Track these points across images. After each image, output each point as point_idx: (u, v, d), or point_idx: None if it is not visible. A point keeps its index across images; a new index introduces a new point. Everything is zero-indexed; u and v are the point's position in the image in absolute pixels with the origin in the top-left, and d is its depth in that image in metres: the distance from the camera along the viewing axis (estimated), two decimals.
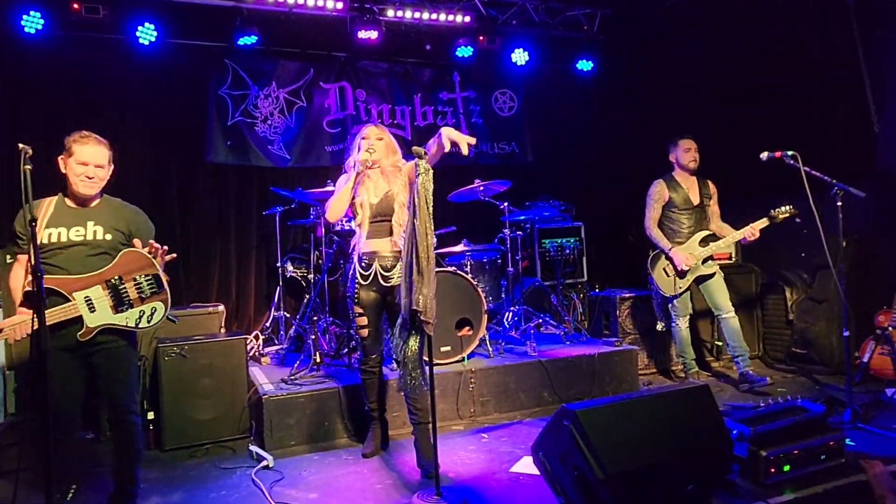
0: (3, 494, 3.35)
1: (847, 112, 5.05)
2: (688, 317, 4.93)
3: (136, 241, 3.02)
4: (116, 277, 2.92)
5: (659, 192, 4.91)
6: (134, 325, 2.95)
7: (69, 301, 2.82)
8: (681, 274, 4.78)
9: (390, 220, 3.49)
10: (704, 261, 4.81)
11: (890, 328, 4.54)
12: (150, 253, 2.96)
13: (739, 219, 4.96)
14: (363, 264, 3.49)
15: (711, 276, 4.83)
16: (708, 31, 6.22)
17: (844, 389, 3.97)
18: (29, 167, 2.43)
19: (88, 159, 2.90)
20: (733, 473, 2.96)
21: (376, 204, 3.49)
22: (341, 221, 5.05)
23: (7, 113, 5.19)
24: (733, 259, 5.75)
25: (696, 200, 4.88)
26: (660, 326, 5.11)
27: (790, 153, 4.06)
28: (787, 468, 2.97)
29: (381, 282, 3.47)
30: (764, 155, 4.19)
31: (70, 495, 3.18)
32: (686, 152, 4.88)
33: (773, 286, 5.71)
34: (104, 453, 3.21)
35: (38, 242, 2.56)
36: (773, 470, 2.93)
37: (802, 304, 5.45)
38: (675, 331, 4.95)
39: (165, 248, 3.01)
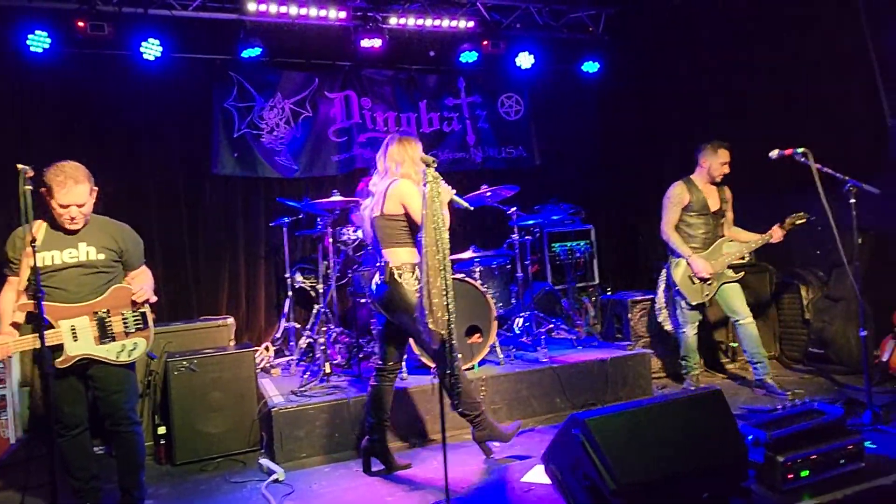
0: None
1: (859, 107, 4.96)
2: (696, 324, 4.81)
3: (129, 280, 3.18)
4: (104, 310, 3.03)
5: (679, 194, 4.72)
6: (114, 358, 3.05)
7: (53, 329, 2.91)
8: (704, 281, 4.65)
9: None
10: (730, 267, 4.69)
11: None
12: (133, 298, 3.09)
13: (750, 219, 4.90)
14: None
15: (735, 281, 4.72)
16: (715, 28, 6.15)
17: (863, 390, 3.88)
18: (29, 188, 2.44)
19: (69, 202, 2.95)
20: (749, 480, 2.89)
21: None
22: (347, 231, 5.06)
23: (15, 132, 5.24)
24: (747, 258, 5.63)
25: (714, 206, 4.71)
26: (668, 327, 4.98)
27: (801, 150, 3.99)
28: (805, 474, 2.89)
29: None
30: (774, 153, 4.12)
31: None
32: (722, 165, 4.66)
33: (788, 285, 5.62)
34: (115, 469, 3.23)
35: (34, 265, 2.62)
36: (790, 476, 2.85)
37: (819, 302, 5.35)
38: (682, 337, 4.84)
39: (151, 299, 3.16)
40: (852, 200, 3.84)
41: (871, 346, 4.61)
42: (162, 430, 4.16)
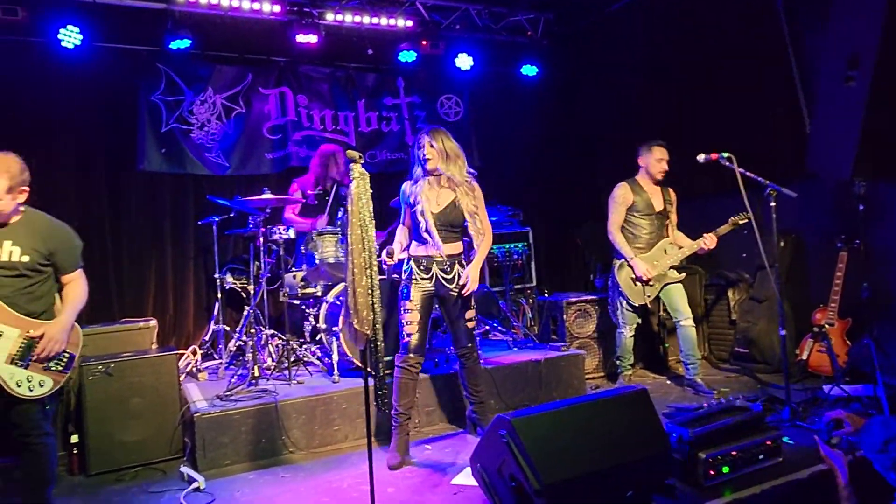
0: None
1: (781, 114, 5.14)
2: (635, 326, 4.88)
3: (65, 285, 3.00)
4: (41, 335, 2.84)
5: (623, 195, 4.77)
6: (14, 385, 2.80)
7: None
8: (645, 282, 4.70)
9: (457, 230, 3.70)
10: (671, 268, 4.75)
11: (826, 326, 4.63)
12: (40, 351, 2.87)
13: (680, 222, 5.01)
14: (422, 266, 3.66)
15: (678, 282, 4.78)
16: (648, 36, 6.29)
17: (784, 387, 4.00)
18: None
19: None
20: (672, 477, 2.93)
21: (437, 213, 3.61)
22: (279, 230, 4.92)
23: None
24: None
25: (658, 207, 4.77)
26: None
27: (726, 155, 4.09)
28: (725, 469, 2.96)
29: (444, 283, 3.64)
30: (701, 157, 4.21)
31: None
32: (658, 161, 4.73)
33: (716, 287, 5.78)
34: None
35: None
36: (711, 472, 2.91)
37: (744, 303, 5.52)
38: (619, 337, 4.91)
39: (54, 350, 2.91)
40: (772, 204, 3.95)
41: (791, 345, 4.79)
42: (75, 438, 3.92)
